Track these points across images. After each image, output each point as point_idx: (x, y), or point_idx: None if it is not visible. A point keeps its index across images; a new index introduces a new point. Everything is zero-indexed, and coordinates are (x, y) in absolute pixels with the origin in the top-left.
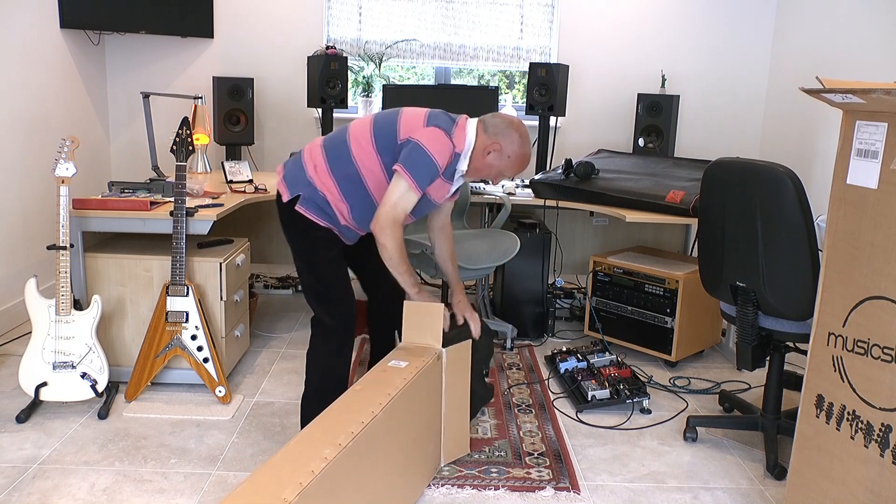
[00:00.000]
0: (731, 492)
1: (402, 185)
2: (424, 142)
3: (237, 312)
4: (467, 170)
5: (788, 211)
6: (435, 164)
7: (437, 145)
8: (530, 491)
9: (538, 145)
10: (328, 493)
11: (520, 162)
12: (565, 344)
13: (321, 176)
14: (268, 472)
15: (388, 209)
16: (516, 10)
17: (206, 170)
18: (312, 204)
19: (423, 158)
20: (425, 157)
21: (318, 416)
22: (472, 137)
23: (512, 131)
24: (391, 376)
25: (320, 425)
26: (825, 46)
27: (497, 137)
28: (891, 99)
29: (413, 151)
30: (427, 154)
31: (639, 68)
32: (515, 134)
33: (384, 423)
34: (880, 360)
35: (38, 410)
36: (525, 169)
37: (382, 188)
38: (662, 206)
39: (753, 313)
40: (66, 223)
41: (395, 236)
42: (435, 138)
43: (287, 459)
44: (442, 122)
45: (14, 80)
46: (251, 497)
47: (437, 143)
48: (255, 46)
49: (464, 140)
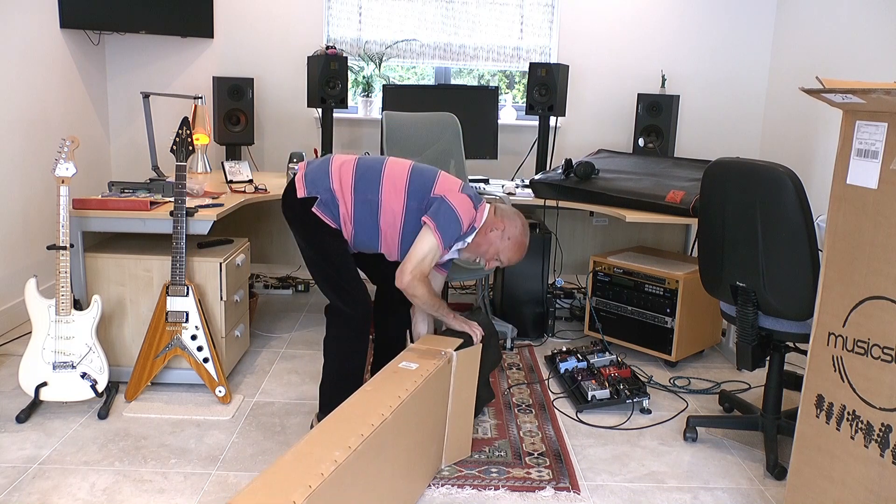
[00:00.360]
0: (731, 492)
1: (430, 241)
2: (456, 204)
3: (237, 312)
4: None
5: (788, 211)
6: (461, 226)
7: (465, 211)
8: (530, 491)
9: (538, 145)
10: (336, 496)
11: (516, 248)
12: (565, 344)
13: (344, 192)
14: (277, 472)
15: (414, 264)
16: (516, 10)
17: (206, 170)
18: (328, 210)
19: (453, 218)
20: (454, 218)
21: (329, 416)
22: (486, 216)
23: (517, 219)
24: (402, 378)
25: (330, 425)
26: (825, 46)
27: (503, 219)
28: (891, 99)
29: (445, 210)
30: (456, 216)
31: (639, 68)
32: (519, 222)
33: (393, 426)
34: (880, 360)
35: (38, 410)
36: (518, 259)
37: (391, 226)
38: (662, 206)
39: (753, 313)
40: (66, 223)
41: (423, 287)
42: (464, 204)
43: (297, 460)
44: (472, 193)
45: (14, 80)
46: (260, 497)
47: (465, 209)
48: (255, 46)
49: (482, 217)
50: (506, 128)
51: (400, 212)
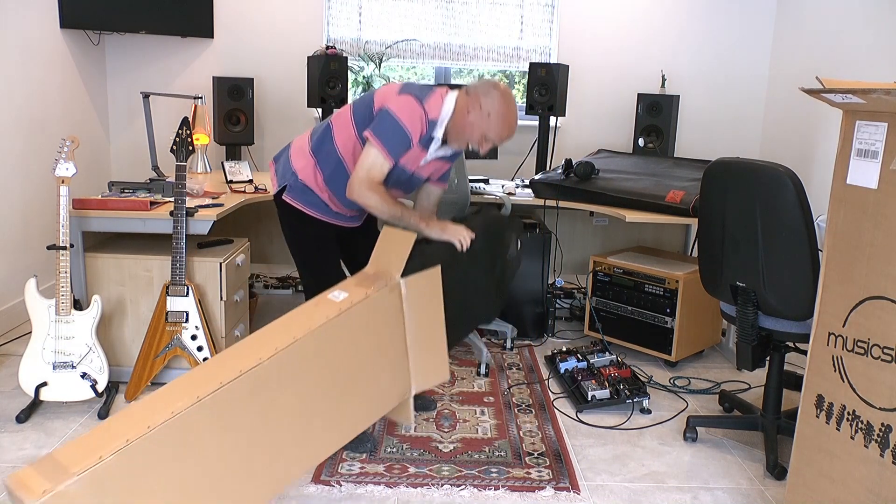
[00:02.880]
0: (731, 492)
1: (372, 152)
2: (394, 109)
3: (237, 312)
4: (450, 136)
5: (788, 211)
6: (405, 131)
7: (407, 112)
8: (530, 491)
9: (538, 145)
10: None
11: (502, 120)
12: (565, 344)
13: (307, 159)
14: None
15: (360, 174)
16: (516, 10)
17: (206, 170)
18: (297, 192)
19: (393, 125)
20: (395, 125)
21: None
22: (451, 105)
23: (492, 89)
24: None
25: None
26: (825, 46)
27: (478, 96)
28: (891, 99)
29: (383, 118)
30: (397, 121)
31: (639, 68)
32: (496, 92)
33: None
34: (880, 360)
35: (38, 410)
36: (511, 133)
37: (353, 154)
38: (662, 206)
39: (753, 313)
40: (66, 223)
41: (375, 193)
42: (405, 105)
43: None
44: (415, 90)
45: (14, 81)
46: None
47: (407, 110)
48: (255, 46)
49: (440, 108)
50: None
51: (355, 139)
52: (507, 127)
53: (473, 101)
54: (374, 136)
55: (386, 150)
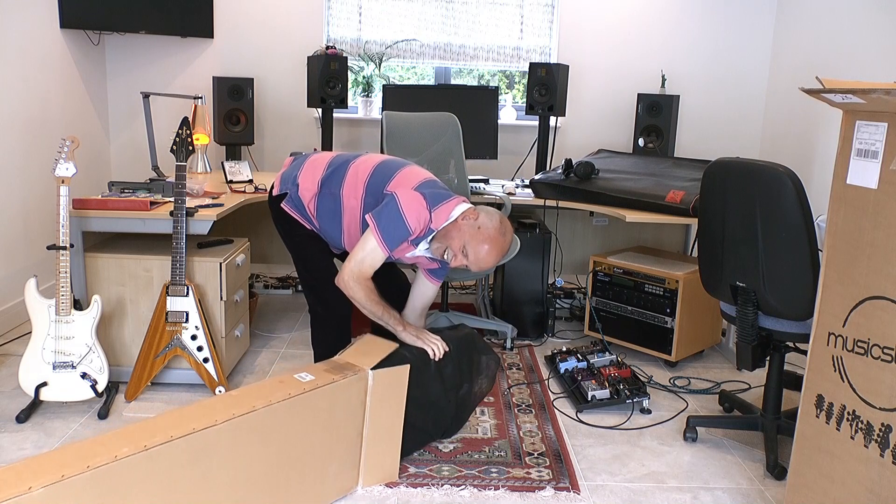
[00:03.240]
0: (731, 492)
1: (371, 242)
2: (403, 202)
3: (237, 312)
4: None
5: (788, 211)
6: (407, 227)
7: (413, 210)
8: (530, 491)
9: (538, 145)
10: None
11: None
12: (565, 344)
13: (312, 185)
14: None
15: (353, 265)
16: (516, 10)
17: (206, 170)
18: (294, 203)
19: (396, 217)
20: (398, 217)
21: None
22: (456, 215)
23: (496, 214)
24: (281, 388)
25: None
26: (825, 46)
27: (479, 211)
28: (891, 99)
29: (389, 207)
30: (401, 214)
31: (639, 68)
32: (497, 217)
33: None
34: (880, 360)
35: (38, 410)
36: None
37: (352, 222)
38: (662, 206)
39: (753, 313)
40: (66, 223)
41: (363, 288)
42: (413, 203)
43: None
44: (429, 191)
45: (14, 80)
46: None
47: (414, 207)
48: (255, 46)
49: (444, 219)
50: (506, 128)
51: (358, 207)
52: (489, 250)
53: (472, 213)
54: (375, 226)
55: (384, 243)
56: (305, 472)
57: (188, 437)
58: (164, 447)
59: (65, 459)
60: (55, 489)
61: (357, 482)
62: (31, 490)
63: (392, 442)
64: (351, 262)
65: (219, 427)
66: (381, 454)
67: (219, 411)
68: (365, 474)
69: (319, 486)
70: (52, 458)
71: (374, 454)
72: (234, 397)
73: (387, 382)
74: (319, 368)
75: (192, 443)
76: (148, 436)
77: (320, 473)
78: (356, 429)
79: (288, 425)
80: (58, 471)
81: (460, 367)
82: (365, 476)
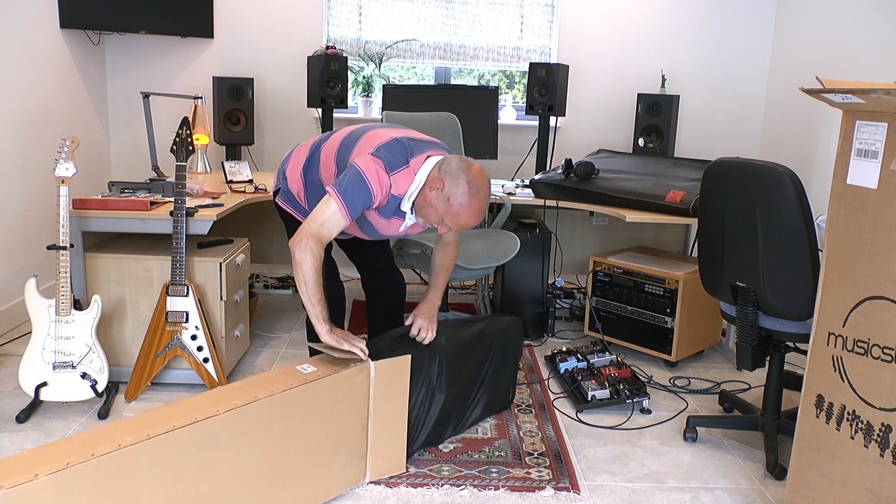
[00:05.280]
0: (731, 492)
1: (331, 206)
2: (363, 167)
3: (237, 312)
4: (416, 208)
5: (788, 211)
6: (370, 192)
7: (373, 174)
8: (530, 491)
9: (538, 145)
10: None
11: (462, 210)
12: (565, 344)
13: (297, 175)
14: (57, 445)
15: (313, 227)
16: (516, 10)
17: (206, 170)
18: (287, 197)
19: (359, 183)
20: (360, 182)
21: (175, 402)
22: (423, 177)
23: (462, 175)
24: (283, 378)
25: (159, 412)
26: (825, 46)
27: (444, 177)
28: (891, 99)
29: (351, 174)
30: (363, 180)
31: (639, 68)
32: (464, 178)
33: (233, 424)
34: (880, 360)
35: (38, 410)
36: (469, 223)
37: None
38: (662, 206)
39: (753, 313)
40: (66, 223)
41: (313, 255)
42: (371, 167)
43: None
44: (389, 157)
45: (14, 80)
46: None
47: (373, 172)
48: (255, 46)
49: (408, 183)
50: (506, 128)
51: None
52: (467, 218)
53: (438, 182)
54: (335, 192)
55: (346, 207)
56: (312, 464)
57: (191, 426)
58: (167, 436)
59: (70, 448)
60: (60, 476)
61: (365, 474)
62: (37, 477)
63: (398, 433)
64: (311, 223)
65: (221, 416)
66: (388, 446)
67: (222, 401)
68: (372, 466)
69: (327, 477)
70: (57, 448)
71: (380, 446)
72: (237, 388)
73: (389, 372)
74: (322, 360)
75: (195, 432)
76: (152, 425)
77: (327, 465)
78: (361, 420)
79: (291, 416)
80: (63, 459)
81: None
82: (372, 468)
